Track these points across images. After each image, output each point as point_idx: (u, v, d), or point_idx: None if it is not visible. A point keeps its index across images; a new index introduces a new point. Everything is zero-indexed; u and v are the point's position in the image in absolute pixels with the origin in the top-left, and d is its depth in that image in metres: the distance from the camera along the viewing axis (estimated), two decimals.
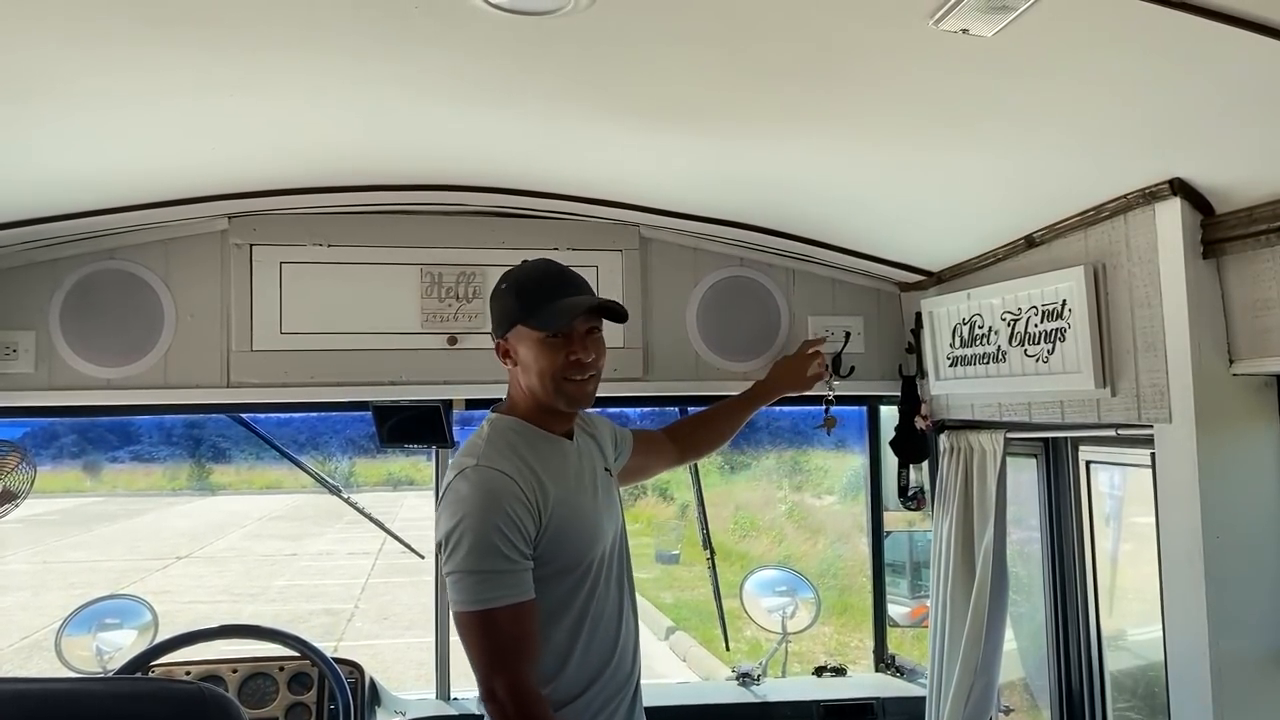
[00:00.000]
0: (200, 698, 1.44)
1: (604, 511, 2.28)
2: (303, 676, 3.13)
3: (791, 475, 18.78)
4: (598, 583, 2.21)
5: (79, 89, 2.08)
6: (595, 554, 2.20)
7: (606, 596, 2.23)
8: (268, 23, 1.84)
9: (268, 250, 3.17)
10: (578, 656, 2.16)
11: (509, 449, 2.16)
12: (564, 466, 2.23)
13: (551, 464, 2.19)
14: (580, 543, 2.17)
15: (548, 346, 2.17)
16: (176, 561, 17.16)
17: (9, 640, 11.32)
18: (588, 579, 2.18)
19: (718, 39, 1.89)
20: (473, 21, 1.81)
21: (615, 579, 2.28)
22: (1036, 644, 3.37)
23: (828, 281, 3.52)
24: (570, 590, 2.15)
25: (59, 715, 1.40)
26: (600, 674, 2.19)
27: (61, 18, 1.75)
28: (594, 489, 2.29)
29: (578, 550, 2.16)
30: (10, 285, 3.05)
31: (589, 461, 2.34)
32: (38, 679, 1.57)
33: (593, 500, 2.26)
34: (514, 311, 2.21)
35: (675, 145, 2.59)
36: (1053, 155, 2.31)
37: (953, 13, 1.66)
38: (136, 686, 1.66)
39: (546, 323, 2.15)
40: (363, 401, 3.26)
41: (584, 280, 2.31)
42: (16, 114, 2.17)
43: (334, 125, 2.50)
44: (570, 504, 2.17)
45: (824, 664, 3.77)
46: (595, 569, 2.20)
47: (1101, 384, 2.52)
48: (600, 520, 2.25)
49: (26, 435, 3.25)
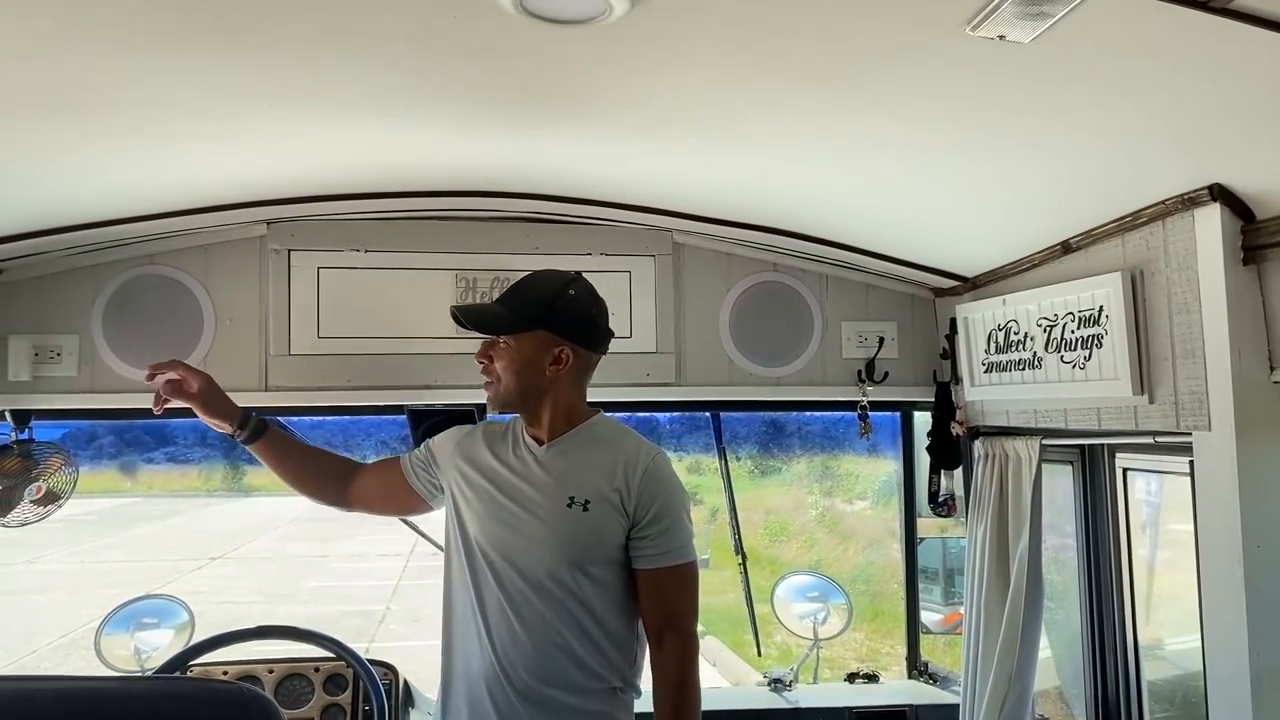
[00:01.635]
0: (242, 698, 1.45)
1: (505, 521, 2.31)
2: (338, 678, 3.15)
3: (822, 480, 18.67)
4: (471, 566, 2.32)
5: (121, 98, 2.12)
6: (472, 545, 2.33)
7: (481, 588, 2.30)
8: (306, 34, 1.87)
9: (305, 255, 3.21)
10: (445, 613, 2.38)
11: (494, 426, 2.50)
12: (498, 464, 2.38)
13: (488, 453, 2.41)
14: (459, 522, 2.38)
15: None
16: (211, 562, 17.31)
17: (48, 639, 11.47)
18: (462, 557, 2.34)
19: (752, 46, 1.90)
20: (508, 30, 1.82)
21: (499, 585, 2.27)
22: (1072, 652, 3.34)
23: (861, 287, 3.51)
24: (457, 551, 2.36)
25: (104, 713, 1.41)
26: (456, 650, 2.34)
27: (105, 29, 1.78)
28: (513, 500, 2.32)
29: (456, 526, 2.38)
30: (54, 290, 3.11)
31: (539, 479, 2.33)
32: (81, 677, 1.59)
33: (497, 505, 2.33)
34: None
35: (709, 151, 2.59)
36: (1090, 161, 2.29)
37: (990, 19, 1.66)
38: (179, 686, 1.68)
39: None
40: (398, 405, 3.29)
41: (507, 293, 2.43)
42: (62, 123, 2.21)
43: (371, 133, 2.52)
44: (467, 490, 2.38)
45: (856, 670, 3.75)
46: (469, 557, 2.33)
47: (1139, 391, 2.50)
48: (491, 524, 2.32)
49: (66, 436, 3.30)
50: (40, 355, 3.08)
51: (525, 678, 2.22)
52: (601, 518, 2.26)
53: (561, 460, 2.33)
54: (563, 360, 2.33)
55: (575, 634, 2.24)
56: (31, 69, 1.92)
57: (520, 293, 2.38)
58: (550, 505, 2.28)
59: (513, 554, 2.26)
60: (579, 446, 2.35)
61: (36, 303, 3.09)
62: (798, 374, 3.44)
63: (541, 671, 2.22)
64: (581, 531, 2.25)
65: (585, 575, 2.25)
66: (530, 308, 2.33)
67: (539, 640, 2.23)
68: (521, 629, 2.23)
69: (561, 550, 2.24)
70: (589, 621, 2.25)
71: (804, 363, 3.44)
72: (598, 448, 2.35)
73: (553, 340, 2.32)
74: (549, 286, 2.36)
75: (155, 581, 14.08)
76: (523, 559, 2.26)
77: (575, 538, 2.25)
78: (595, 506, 2.26)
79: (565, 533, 2.25)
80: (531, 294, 2.36)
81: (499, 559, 2.27)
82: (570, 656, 2.23)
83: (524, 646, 2.22)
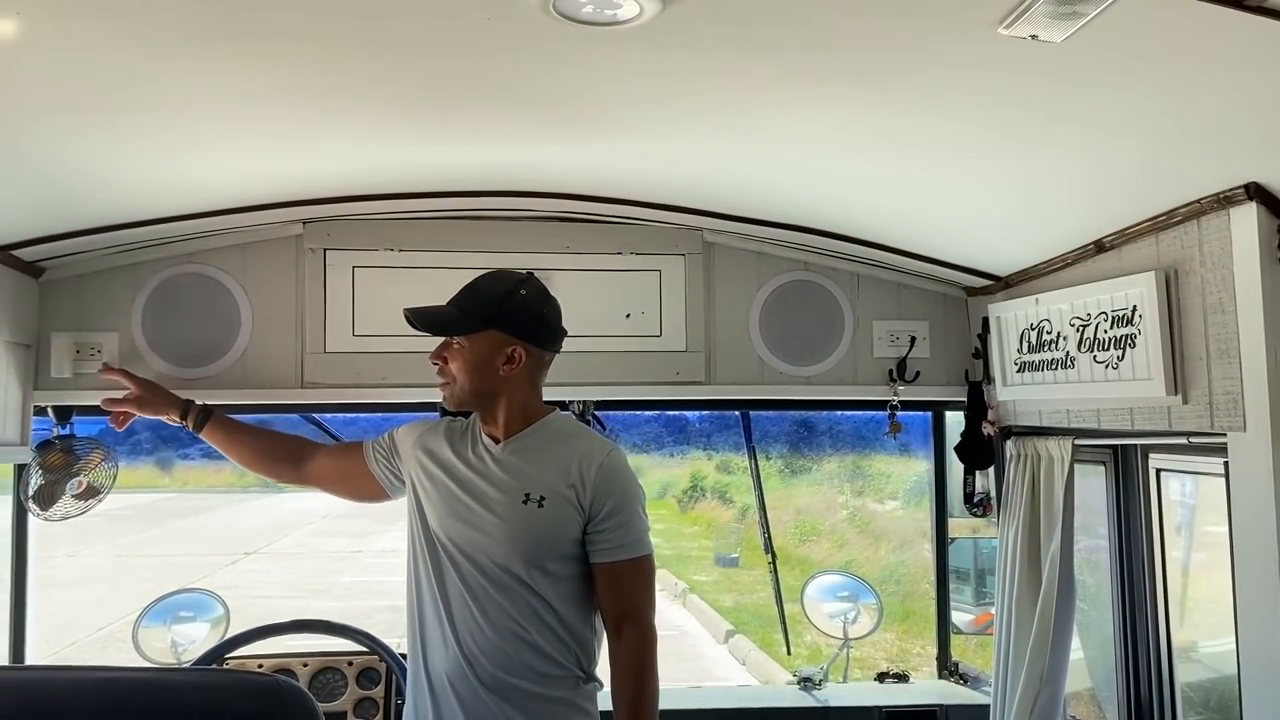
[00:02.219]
0: (278, 690, 1.48)
1: (463, 516, 2.35)
2: (371, 672, 3.18)
3: (854, 480, 18.58)
4: (433, 559, 2.36)
5: (161, 100, 2.16)
6: (433, 538, 2.37)
7: (444, 581, 2.34)
8: (342, 35, 1.89)
9: (341, 255, 3.25)
10: (410, 606, 2.42)
11: (455, 423, 2.54)
12: (457, 460, 2.43)
13: (448, 449, 2.45)
14: (420, 514, 2.43)
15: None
16: (245, 557, 17.49)
17: (87, 631, 11.64)
18: (424, 550, 2.38)
19: (782, 45, 1.91)
20: (541, 32, 1.84)
21: (460, 578, 2.31)
22: (1105, 654, 3.32)
23: (893, 286, 3.50)
24: (419, 543, 2.41)
25: (145, 702, 1.44)
26: (421, 642, 2.37)
27: (144, 32, 1.82)
28: (471, 495, 2.36)
29: (418, 518, 2.43)
30: (94, 289, 3.17)
31: (495, 477, 2.37)
32: (121, 667, 1.63)
33: (455, 500, 2.37)
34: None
35: (739, 149, 2.60)
36: (1123, 159, 2.28)
37: (1021, 19, 1.65)
38: (217, 677, 1.71)
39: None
40: (431, 402, 3.31)
41: (464, 293, 2.47)
42: (101, 125, 2.26)
43: (405, 133, 2.55)
44: (427, 484, 2.44)
45: (886, 670, 3.75)
46: (430, 550, 2.37)
47: (1173, 391, 2.48)
48: (450, 519, 2.36)
49: (108, 432, 3.35)
50: (81, 353, 3.14)
51: (489, 668, 2.25)
52: (557, 513, 2.30)
53: (517, 458, 2.38)
54: (515, 359, 2.38)
55: (535, 625, 2.28)
56: (70, 72, 1.96)
57: (472, 293, 2.43)
58: (507, 502, 2.32)
59: (471, 549, 2.31)
60: (535, 444, 2.40)
61: (78, 301, 3.15)
62: (828, 373, 3.43)
63: (504, 662, 2.26)
64: (537, 527, 2.29)
65: (541, 570, 2.29)
66: (482, 308, 2.38)
67: (501, 632, 2.26)
68: (484, 621, 2.27)
69: (518, 546, 2.28)
70: (548, 614, 2.29)
71: (834, 362, 3.44)
72: (553, 445, 2.39)
73: (505, 340, 2.37)
74: (500, 287, 2.41)
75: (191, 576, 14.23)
76: (481, 554, 2.30)
77: (531, 534, 2.29)
78: (550, 503, 2.30)
79: (522, 529, 2.29)
80: (483, 295, 2.41)
81: (458, 554, 2.31)
82: (532, 647, 2.27)
83: (487, 638, 2.26)
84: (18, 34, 1.75)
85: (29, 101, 2.07)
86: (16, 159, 2.38)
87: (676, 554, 16.68)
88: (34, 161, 2.41)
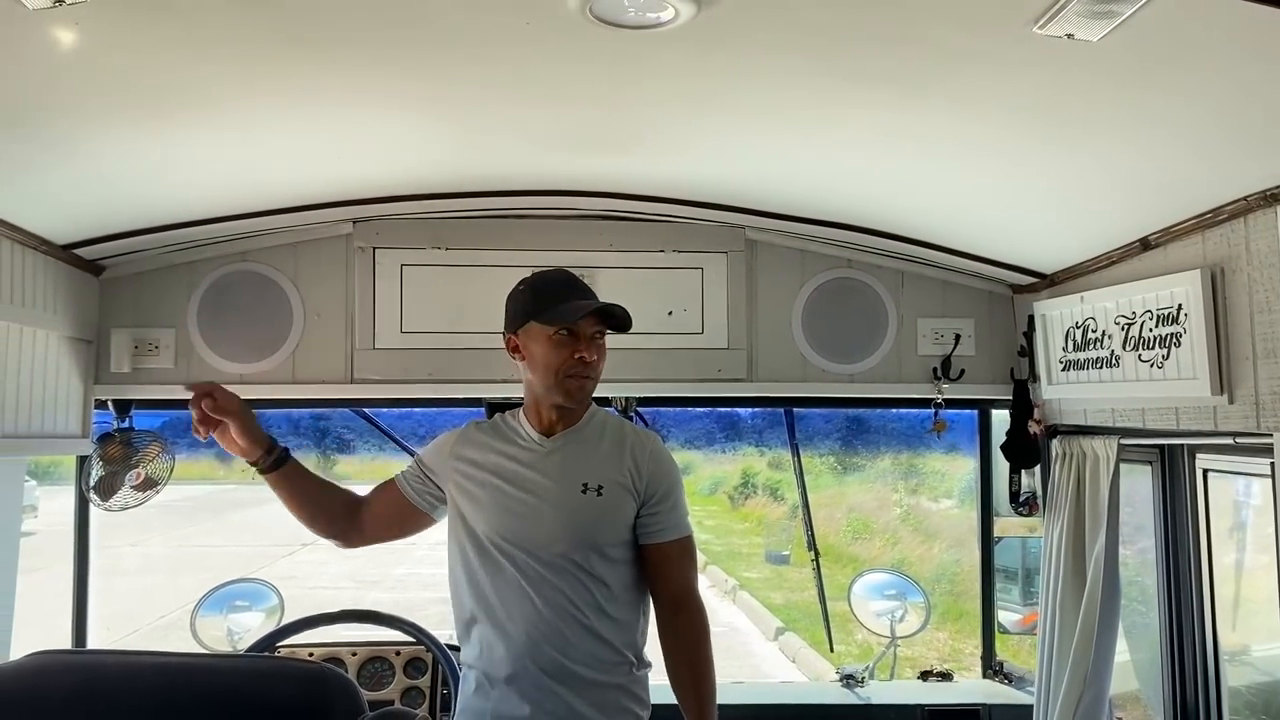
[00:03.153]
0: (323, 677, 1.54)
1: (517, 512, 2.36)
2: (418, 662, 3.24)
3: (907, 478, 18.41)
4: (487, 559, 2.36)
5: (216, 104, 2.23)
6: (483, 541, 2.37)
7: (498, 580, 2.34)
8: (389, 40, 1.95)
9: (389, 253, 3.32)
10: (460, 610, 2.43)
11: (483, 425, 2.55)
12: (503, 459, 2.42)
13: (488, 451, 2.45)
14: (465, 522, 2.41)
15: (556, 343, 2.34)
16: (302, 548, 17.76)
17: (149, 619, 11.93)
18: (474, 555, 2.38)
19: (819, 45, 1.92)
20: (582, 35, 1.88)
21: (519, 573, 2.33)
22: (1153, 656, 3.28)
23: (938, 283, 3.49)
24: (466, 551, 2.40)
25: (195, 685, 1.51)
26: (477, 642, 2.38)
27: (197, 38, 1.89)
28: (525, 490, 2.38)
29: (463, 527, 2.41)
30: (152, 286, 3.27)
31: (549, 467, 2.39)
32: (175, 653, 1.70)
33: (507, 497, 2.38)
34: (529, 309, 2.38)
35: (780, 148, 2.62)
36: (1167, 157, 2.26)
37: (1056, 18, 1.66)
38: (265, 664, 1.77)
39: (555, 319, 2.33)
40: (477, 398, 3.38)
41: (591, 290, 2.44)
42: (158, 128, 2.34)
43: (451, 134, 2.60)
44: (472, 489, 2.42)
45: (930, 668, 3.73)
46: (481, 553, 2.37)
47: (1219, 391, 2.45)
48: (504, 516, 2.37)
49: (166, 425, 3.45)
50: (139, 348, 3.24)
51: (552, 655, 2.29)
52: (615, 499, 2.36)
53: (572, 449, 2.42)
54: None
55: (594, 612, 2.32)
56: (127, 78, 2.04)
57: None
58: (563, 492, 2.36)
59: (529, 542, 2.34)
60: (588, 436, 2.44)
61: (136, 298, 3.26)
62: (871, 371, 3.43)
63: (566, 649, 2.29)
64: (599, 515, 2.35)
65: (600, 555, 2.34)
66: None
67: (564, 618, 2.30)
68: (546, 609, 2.31)
69: (580, 534, 2.33)
70: (606, 600, 2.34)
71: (878, 360, 3.43)
72: (604, 436, 2.45)
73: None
74: None
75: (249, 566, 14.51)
76: (539, 545, 2.33)
77: (591, 522, 2.34)
78: (609, 491, 2.36)
79: (581, 518, 2.34)
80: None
81: (515, 549, 2.34)
82: (592, 633, 2.32)
83: (549, 624, 2.30)
84: (77, 43, 1.82)
85: (89, 107, 2.16)
86: (78, 162, 2.47)
87: (727, 550, 16.66)
88: (94, 164, 2.51)
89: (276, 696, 1.50)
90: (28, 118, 2.15)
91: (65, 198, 2.69)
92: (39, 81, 1.99)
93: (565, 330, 2.32)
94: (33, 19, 1.69)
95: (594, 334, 2.36)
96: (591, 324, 2.35)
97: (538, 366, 2.37)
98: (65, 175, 2.53)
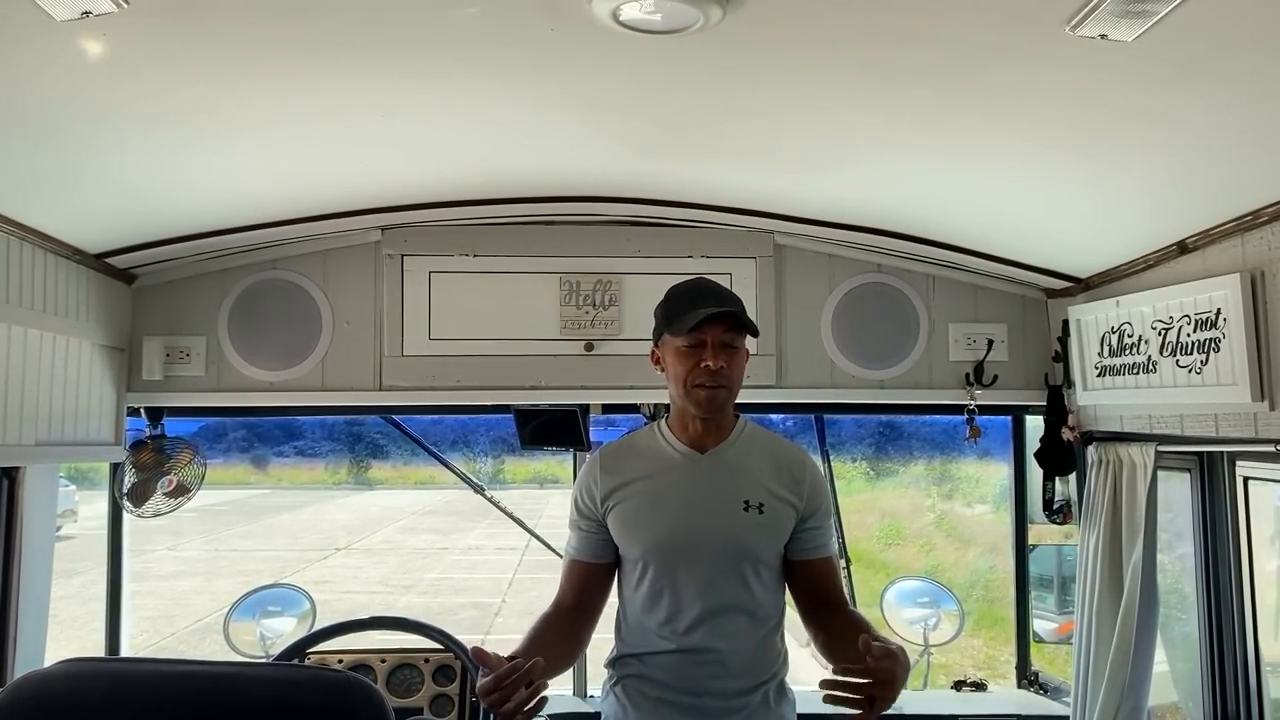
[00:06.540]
0: (347, 685, 1.54)
1: (676, 528, 2.32)
2: (447, 669, 3.24)
3: (941, 483, 18.27)
4: (652, 581, 2.32)
5: (246, 114, 2.25)
6: (646, 559, 2.33)
7: (664, 595, 2.31)
8: (416, 50, 1.95)
9: (418, 260, 3.33)
10: (623, 628, 2.41)
11: (622, 444, 2.48)
12: (657, 478, 2.35)
13: (641, 468, 2.37)
14: (632, 538, 2.35)
15: (684, 354, 2.27)
16: (336, 553, 17.94)
17: (185, 622, 12.07)
18: (637, 573, 2.35)
19: (848, 47, 1.91)
20: (607, 41, 1.87)
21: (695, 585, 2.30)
22: (1192, 666, 3.22)
23: (970, 288, 3.45)
24: (639, 571, 2.35)
25: (222, 694, 1.52)
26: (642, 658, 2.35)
27: (226, 48, 1.90)
28: (684, 505, 2.32)
29: (632, 544, 2.35)
30: (183, 294, 3.30)
31: (705, 481, 2.35)
32: (202, 661, 1.71)
33: (665, 513, 2.32)
34: (661, 322, 2.34)
35: (808, 151, 2.60)
36: (1205, 158, 2.21)
37: (1089, 19, 1.63)
38: (289, 672, 1.78)
39: (678, 330, 2.26)
40: (505, 405, 3.38)
41: (731, 295, 2.34)
42: (188, 138, 2.36)
43: (478, 141, 2.61)
44: (629, 511, 2.35)
45: (964, 678, 3.69)
46: (643, 571, 2.34)
47: (1259, 397, 2.40)
48: (663, 533, 2.32)
49: (199, 432, 3.48)
50: (171, 356, 3.27)
51: (737, 670, 2.29)
52: (776, 516, 2.32)
53: (728, 464, 2.37)
54: None
55: (749, 626, 2.32)
56: (156, 88, 2.05)
57: (734, 299, 2.33)
58: (724, 510, 2.32)
59: (692, 556, 2.30)
60: (743, 450, 2.39)
61: (168, 306, 3.29)
62: (902, 376, 3.40)
63: (726, 663, 2.29)
64: (761, 532, 2.32)
65: (766, 567, 2.33)
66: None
67: (731, 641, 2.29)
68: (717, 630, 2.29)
69: (742, 550, 2.31)
70: (762, 612, 2.34)
71: (909, 365, 3.40)
72: (758, 450, 2.40)
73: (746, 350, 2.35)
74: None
75: (284, 571, 14.66)
76: (702, 561, 2.29)
77: (755, 538, 2.31)
78: (770, 508, 2.32)
79: (745, 534, 2.31)
80: (739, 302, 2.32)
81: (677, 562, 2.30)
82: (751, 646, 2.32)
83: (710, 643, 2.28)
84: (107, 54, 1.84)
85: (120, 117, 2.18)
86: (109, 172, 2.49)
87: None
88: (125, 174, 2.53)
89: (303, 705, 1.51)
90: (60, 128, 2.17)
91: (97, 207, 2.72)
92: (70, 92, 2.01)
93: (694, 340, 2.24)
94: (61, 30, 1.71)
95: (724, 341, 2.25)
96: (721, 331, 2.24)
97: (671, 378, 2.31)
98: (97, 185, 2.56)
